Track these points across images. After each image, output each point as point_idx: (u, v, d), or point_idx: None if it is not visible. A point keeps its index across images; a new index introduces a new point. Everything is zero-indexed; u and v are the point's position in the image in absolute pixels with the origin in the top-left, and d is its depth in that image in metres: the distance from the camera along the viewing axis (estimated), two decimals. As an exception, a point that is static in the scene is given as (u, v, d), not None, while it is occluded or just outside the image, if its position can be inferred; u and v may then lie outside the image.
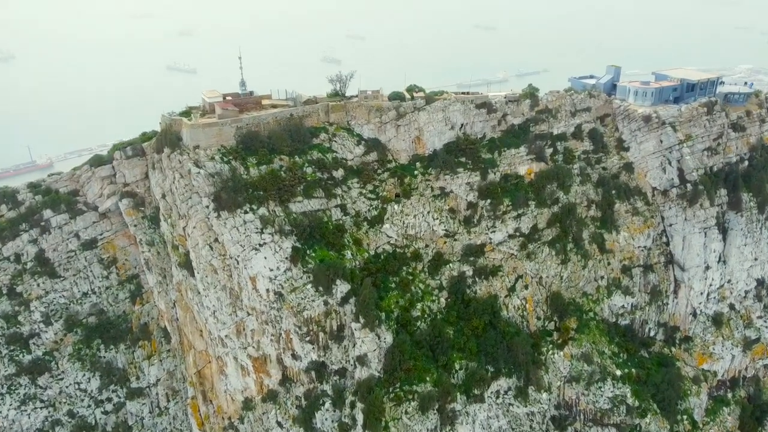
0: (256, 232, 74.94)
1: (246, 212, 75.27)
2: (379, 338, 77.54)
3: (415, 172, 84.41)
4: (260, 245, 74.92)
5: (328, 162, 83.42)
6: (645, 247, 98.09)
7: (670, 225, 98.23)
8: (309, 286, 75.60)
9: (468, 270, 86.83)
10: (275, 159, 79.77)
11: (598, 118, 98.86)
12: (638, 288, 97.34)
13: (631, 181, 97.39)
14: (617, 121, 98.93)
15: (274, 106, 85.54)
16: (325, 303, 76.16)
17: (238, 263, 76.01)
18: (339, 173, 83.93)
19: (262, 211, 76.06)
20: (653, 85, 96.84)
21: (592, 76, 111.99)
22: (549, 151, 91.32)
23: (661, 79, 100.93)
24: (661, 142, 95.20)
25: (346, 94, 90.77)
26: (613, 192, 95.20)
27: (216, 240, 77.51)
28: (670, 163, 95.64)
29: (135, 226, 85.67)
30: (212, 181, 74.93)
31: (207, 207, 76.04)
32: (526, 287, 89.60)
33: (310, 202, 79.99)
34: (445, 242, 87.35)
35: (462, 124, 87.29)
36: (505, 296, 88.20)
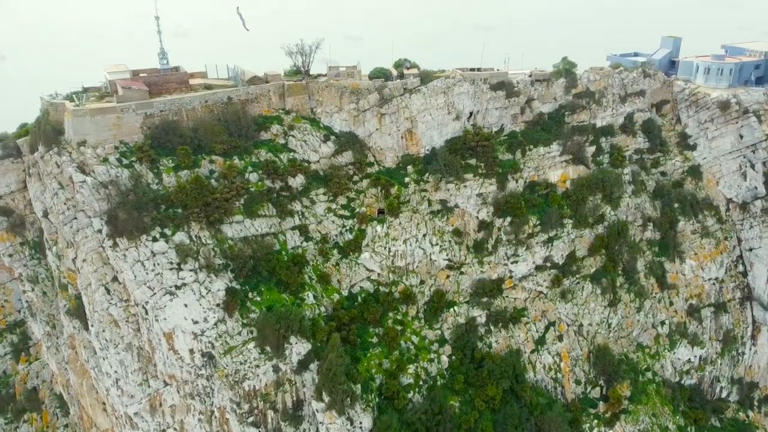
0: (172, 269, 54.10)
1: (155, 239, 54.08)
2: (352, 423, 55.55)
3: (406, 180, 64.20)
4: (177, 287, 55.12)
5: (283, 165, 61.77)
6: (717, 279, 75.53)
7: (750, 249, 75.51)
8: (251, 345, 56.01)
9: (480, 315, 66.18)
10: (203, 161, 57.98)
11: (654, 106, 75.73)
12: (708, 335, 73.97)
13: (699, 190, 75.10)
14: (680, 110, 76.20)
15: (208, 87, 62.65)
16: (275, 369, 56.48)
17: (146, 313, 54.99)
18: (298, 181, 61.60)
19: (180, 237, 54.36)
20: (730, 60, 73.22)
21: (636, 54, 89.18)
22: (590, 149, 69.79)
23: (735, 53, 77.41)
24: (741, 137, 72.63)
25: (311, 72, 67.37)
26: (676, 206, 74.19)
27: (115, 279, 54.99)
28: (752, 166, 72.82)
29: (11, 255, 63.28)
30: (104, 193, 52.80)
31: (99, 232, 53.71)
32: (561, 339, 67.19)
33: (254, 223, 58.48)
34: (447, 277, 65.23)
35: (471, 113, 65.06)
36: (532, 352, 66.55)
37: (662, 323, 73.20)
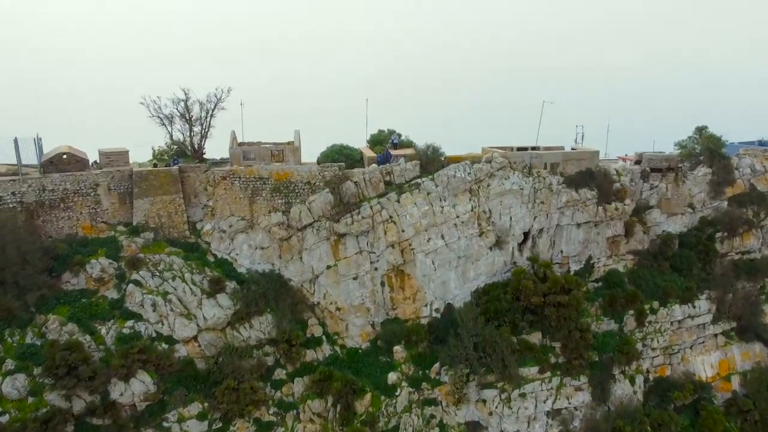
0: None
1: None
2: None
3: (392, 378, 34.20)
4: None
5: (105, 352, 26.01)
6: None
7: None
8: None
9: None
10: None
11: None
12: None
13: None
14: None
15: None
16: None
17: None
18: (137, 388, 25.78)
19: None
20: None
21: (761, 142, 57.87)
22: (770, 308, 34.17)
23: None
24: None
25: (206, 155, 34.54)
26: None
27: None
28: None
29: None
30: None
31: None
32: None
33: None
34: None
35: (528, 234, 31.00)
36: None
37: None
